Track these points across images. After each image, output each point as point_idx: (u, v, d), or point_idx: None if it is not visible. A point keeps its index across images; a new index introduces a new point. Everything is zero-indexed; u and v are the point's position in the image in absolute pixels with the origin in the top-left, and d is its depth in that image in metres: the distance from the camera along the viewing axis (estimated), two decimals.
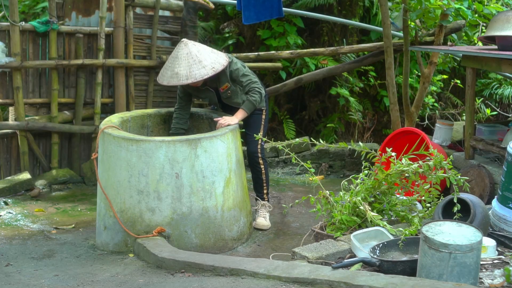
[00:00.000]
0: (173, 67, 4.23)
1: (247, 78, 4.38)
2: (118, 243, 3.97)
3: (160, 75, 4.33)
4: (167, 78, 4.25)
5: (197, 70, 4.18)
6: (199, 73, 4.18)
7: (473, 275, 2.61)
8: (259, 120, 4.50)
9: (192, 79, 4.18)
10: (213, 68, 4.22)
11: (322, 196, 3.81)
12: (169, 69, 4.26)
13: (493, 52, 4.37)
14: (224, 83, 4.37)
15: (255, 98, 4.35)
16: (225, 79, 4.36)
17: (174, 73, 4.21)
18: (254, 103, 4.35)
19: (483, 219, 3.25)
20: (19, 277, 3.49)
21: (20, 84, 5.44)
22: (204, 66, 4.20)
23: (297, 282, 2.83)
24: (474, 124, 5.00)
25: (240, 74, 4.36)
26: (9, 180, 5.42)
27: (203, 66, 4.20)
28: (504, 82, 7.31)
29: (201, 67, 4.19)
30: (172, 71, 4.23)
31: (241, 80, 4.37)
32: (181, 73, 4.19)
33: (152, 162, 3.84)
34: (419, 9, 5.39)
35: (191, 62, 4.20)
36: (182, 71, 4.19)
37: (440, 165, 3.56)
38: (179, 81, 4.19)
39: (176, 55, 4.25)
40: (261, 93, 4.38)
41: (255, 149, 4.44)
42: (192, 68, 4.19)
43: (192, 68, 4.19)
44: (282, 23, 6.66)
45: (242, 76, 4.37)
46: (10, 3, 5.34)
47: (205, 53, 4.28)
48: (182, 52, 4.24)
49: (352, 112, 6.88)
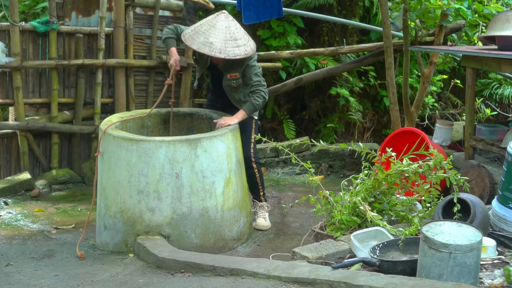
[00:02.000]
0: (208, 35, 4.07)
1: (258, 79, 4.30)
2: (118, 243, 3.98)
3: (189, 37, 4.14)
4: (198, 44, 4.06)
5: (231, 48, 4.07)
6: (233, 51, 4.07)
7: (473, 275, 2.61)
8: (250, 124, 4.47)
9: (225, 55, 4.05)
10: (245, 51, 4.13)
11: (322, 196, 3.81)
12: (202, 35, 4.09)
13: (493, 52, 4.37)
14: (235, 72, 4.28)
15: (258, 102, 4.27)
16: (239, 68, 4.27)
17: (208, 42, 4.05)
18: (256, 107, 4.29)
19: (483, 219, 3.25)
20: (19, 277, 3.49)
21: (20, 84, 5.44)
22: (238, 46, 4.10)
23: (297, 282, 2.83)
24: (474, 124, 5.00)
25: (253, 72, 4.28)
26: (9, 180, 5.42)
27: (237, 45, 4.10)
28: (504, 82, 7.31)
29: (236, 46, 4.09)
30: (206, 38, 4.07)
31: (252, 78, 4.28)
32: (215, 45, 4.04)
33: (152, 162, 3.84)
34: (419, 9, 5.40)
35: (227, 37, 4.08)
36: (217, 44, 4.05)
37: (440, 165, 3.56)
38: (211, 52, 4.05)
39: (214, 24, 4.11)
40: (265, 98, 4.32)
41: (249, 154, 4.44)
42: (227, 44, 4.07)
43: (228, 44, 4.07)
44: (282, 23, 6.66)
45: (255, 75, 4.29)
46: (10, 3, 5.34)
47: (241, 32, 4.18)
48: (221, 24, 4.11)
49: (352, 112, 6.88)
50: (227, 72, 4.31)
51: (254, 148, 4.51)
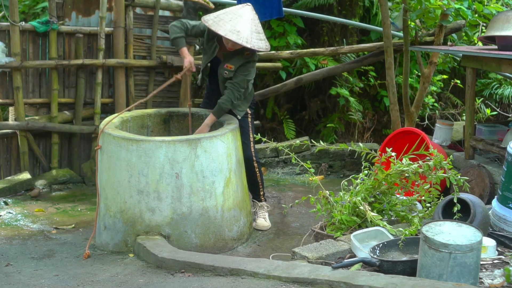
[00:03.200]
0: (236, 23, 4.10)
1: (242, 83, 4.29)
2: (118, 243, 3.98)
3: (215, 24, 4.13)
4: (226, 30, 4.08)
5: (256, 39, 4.14)
6: (257, 43, 4.14)
7: (473, 275, 2.61)
8: (247, 123, 4.49)
9: (250, 45, 4.09)
10: (266, 45, 4.22)
11: (322, 196, 3.81)
12: (229, 23, 4.10)
13: (493, 52, 4.37)
14: (233, 64, 4.29)
15: (225, 105, 4.26)
16: (238, 61, 4.29)
17: (235, 30, 4.08)
18: (224, 110, 4.28)
19: (483, 219, 3.25)
20: (19, 277, 3.49)
21: (20, 84, 5.43)
22: (261, 39, 4.18)
23: (297, 282, 2.83)
24: (474, 124, 5.00)
25: (244, 74, 4.29)
26: (9, 180, 5.42)
27: (260, 39, 4.17)
28: (504, 82, 7.31)
29: (259, 39, 4.17)
30: (233, 26, 4.09)
31: (238, 77, 4.29)
32: (243, 34, 4.08)
33: (152, 162, 3.84)
34: (419, 9, 5.40)
35: (253, 29, 4.14)
36: (245, 33, 4.09)
37: (440, 165, 3.56)
38: (238, 39, 4.06)
39: (241, 14, 4.16)
40: (233, 103, 4.28)
41: (250, 154, 4.45)
42: (253, 35, 4.12)
43: (253, 35, 4.12)
44: (282, 23, 6.66)
45: (243, 79, 4.29)
46: (10, 3, 5.34)
47: (261, 28, 4.27)
48: (248, 15, 4.16)
49: (352, 112, 6.88)
50: (226, 61, 4.33)
51: (254, 148, 4.52)
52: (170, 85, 4.97)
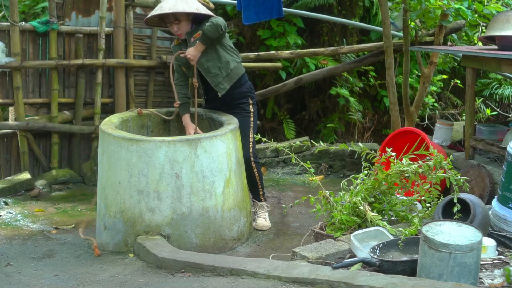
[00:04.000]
0: (161, 4, 4.37)
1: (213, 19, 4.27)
2: (118, 243, 3.98)
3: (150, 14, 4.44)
4: (152, 12, 4.38)
5: (180, 5, 4.27)
6: (182, 6, 4.26)
7: (473, 275, 2.61)
8: (248, 123, 4.48)
9: (174, 10, 4.24)
10: (196, 8, 4.30)
11: (322, 196, 3.81)
12: (157, 7, 4.38)
13: (493, 52, 4.37)
14: (198, 31, 4.34)
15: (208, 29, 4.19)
16: (201, 28, 4.30)
17: (159, 7, 4.34)
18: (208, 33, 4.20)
19: (483, 219, 3.25)
20: (19, 277, 3.49)
21: (20, 84, 5.44)
22: (187, 2, 4.29)
23: (297, 282, 2.83)
24: (474, 124, 5.00)
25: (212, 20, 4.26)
26: (9, 180, 5.42)
27: (186, 2, 4.30)
28: (504, 82, 7.31)
29: (185, 3, 4.29)
30: (159, 6, 4.36)
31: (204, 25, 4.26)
32: (165, 6, 4.29)
33: (152, 162, 3.84)
34: (419, 9, 5.40)
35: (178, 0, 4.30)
36: (167, 5, 4.29)
37: (440, 165, 3.56)
38: (161, 11, 4.26)
39: None
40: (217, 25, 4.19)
41: (248, 154, 4.44)
42: (177, 3, 4.28)
43: (177, 3, 4.28)
44: (282, 23, 6.66)
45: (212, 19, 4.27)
46: (10, 3, 5.34)
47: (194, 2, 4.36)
48: None
49: (352, 112, 6.88)
50: (191, 36, 4.40)
51: (253, 148, 4.52)
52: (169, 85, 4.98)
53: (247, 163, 4.42)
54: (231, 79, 4.42)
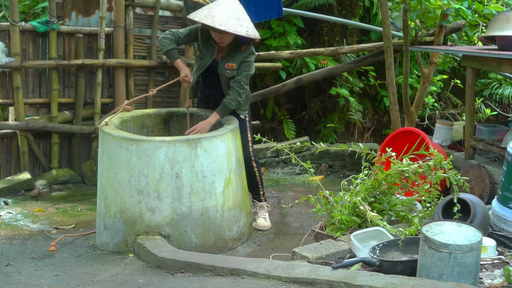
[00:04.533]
0: (212, 10, 4.12)
1: (245, 80, 4.28)
2: (118, 243, 3.98)
3: (194, 13, 4.18)
4: (201, 16, 4.10)
5: (232, 23, 4.06)
6: (234, 27, 4.06)
7: (473, 275, 2.61)
8: (244, 123, 4.48)
9: (225, 28, 4.02)
10: (247, 32, 4.13)
11: (322, 196, 3.81)
12: (206, 10, 4.14)
13: (493, 52, 4.37)
14: (233, 63, 4.27)
15: (231, 105, 4.24)
16: (238, 59, 4.26)
17: (210, 15, 4.08)
18: (229, 109, 4.26)
19: (483, 219, 3.25)
20: (19, 277, 3.49)
21: (20, 84, 5.44)
22: (240, 25, 4.10)
23: (297, 282, 2.83)
24: (474, 124, 5.00)
25: (246, 70, 4.27)
26: (9, 180, 5.42)
27: (240, 25, 4.11)
28: (504, 82, 7.31)
29: (238, 25, 4.10)
30: (209, 12, 4.10)
31: (240, 75, 4.26)
32: (217, 18, 4.05)
33: (152, 162, 3.84)
34: (419, 9, 5.39)
35: (230, 15, 4.09)
36: (219, 17, 4.05)
37: (440, 165, 3.56)
38: (212, 23, 4.03)
39: (219, 3, 4.15)
40: (239, 102, 4.28)
41: (248, 154, 4.45)
42: (229, 19, 4.07)
43: (229, 19, 4.07)
44: (282, 23, 6.66)
45: (245, 76, 4.27)
46: (10, 3, 5.34)
47: (245, 16, 4.20)
48: (226, 2, 4.14)
49: (352, 112, 6.88)
50: (225, 62, 4.29)
51: (253, 148, 4.52)
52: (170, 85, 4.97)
53: (247, 162, 4.42)
54: (248, 100, 4.49)
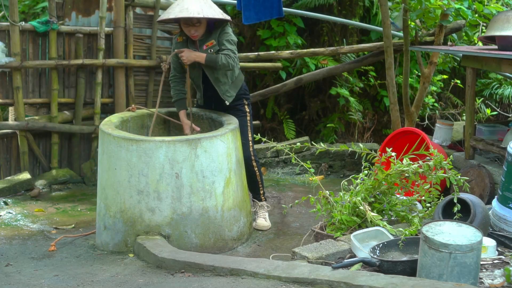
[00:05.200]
0: (183, 4, 4.12)
1: (231, 46, 4.25)
2: (118, 243, 3.97)
3: (165, 13, 4.19)
4: (175, 12, 4.10)
5: (207, 9, 4.11)
6: (210, 12, 4.11)
7: (473, 275, 2.61)
8: (245, 122, 4.48)
9: (203, 15, 4.06)
10: (222, 14, 4.19)
11: (322, 196, 3.81)
12: (177, 7, 4.14)
13: (493, 52, 4.37)
14: (211, 40, 4.26)
15: (221, 60, 4.18)
16: (214, 36, 4.26)
17: (184, 8, 4.09)
18: (217, 61, 4.20)
19: (483, 219, 3.25)
20: (19, 277, 3.49)
21: (20, 84, 5.43)
22: (214, 10, 4.16)
23: (297, 282, 2.83)
24: (474, 124, 5.00)
25: (227, 38, 4.25)
26: (9, 180, 5.42)
27: (213, 10, 4.15)
28: (504, 82, 7.31)
29: (212, 10, 4.15)
30: (181, 7, 4.11)
31: (224, 44, 4.23)
32: (191, 9, 4.08)
33: (152, 162, 3.84)
34: (419, 9, 5.40)
35: (201, 3, 4.13)
36: (193, 7, 4.08)
37: (440, 165, 3.56)
38: (189, 15, 4.06)
39: None
40: (229, 63, 4.21)
41: (249, 153, 4.44)
42: (203, 7, 4.11)
43: (203, 7, 4.11)
44: (282, 23, 6.65)
45: (228, 41, 4.24)
46: (10, 3, 5.34)
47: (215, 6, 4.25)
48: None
49: (352, 112, 6.88)
50: (203, 44, 4.29)
51: (253, 147, 4.52)
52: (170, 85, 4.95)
53: (247, 162, 4.42)
54: (236, 86, 4.45)
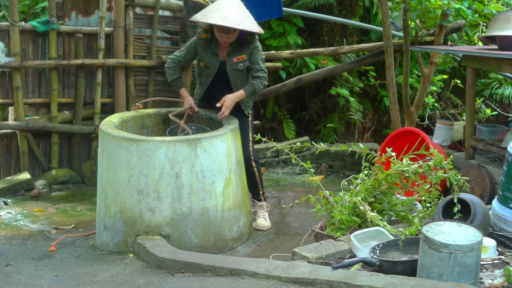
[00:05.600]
0: (222, 10, 4.10)
1: (263, 66, 4.36)
2: (118, 243, 3.97)
3: (203, 16, 4.17)
4: (215, 18, 4.08)
5: (247, 21, 4.14)
6: (249, 25, 4.13)
7: (473, 275, 2.61)
8: (247, 123, 4.49)
9: (242, 27, 4.08)
10: (259, 28, 4.22)
11: (322, 196, 3.81)
12: (216, 12, 4.12)
13: (493, 52, 4.37)
14: (242, 54, 4.30)
15: (259, 88, 4.31)
16: (247, 50, 4.30)
17: (224, 16, 4.07)
18: (257, 91, 4.33)
19: (483, 219, 3.24)
20: (19, 277, 3.49)
21: (20, 84, 5.43)
22: (252, 22, 4.19)
23: (297, 282, 2.83)
24: (474, 124, 5.00)
25: (260, 57, 4.33)
26: (9, 180, 5.42)
27: (252, 22, 4.19)
28: (504, 82, 7.31)
29: (250, 22, 4.17)
30: (221, 13, 4.09)
31: (258, 63, 4.31)
32: (232, 18, 4.07)
33: (152, 162, 3.84)
34: (419, 9, 5.39)
35: (241, 13, 4.15)
36: (234, 17, 4.08)
37: (440, 165, 3.56)
38: (229, 24, 4.05)
39: (225, 4, 4.15)
40: (265, 86, 4.38)
41: (248, 153, 4.45)
42: (243, 18, 4.13)
43: (243, 18, 4.13)
44: (282, 23, 6.65)
45: (261, 60, 4.34)
46: (10, 3, 5.33)
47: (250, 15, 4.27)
48: (233, 2, 4.18)
49: (352, 112, 6.88)
50: (233, 56, 4.30)
51: (253, 147, 4.52)
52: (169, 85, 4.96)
53: (247, 162, 4.42)
54: (252, 97, 4.52)
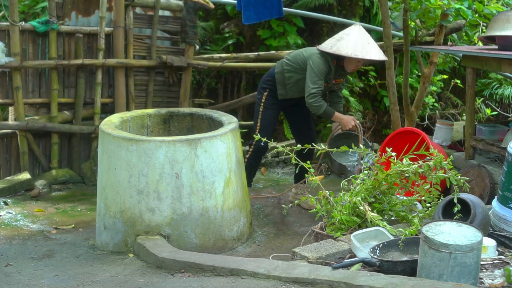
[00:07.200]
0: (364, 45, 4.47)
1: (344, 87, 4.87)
2: (118, 243, 3.97)
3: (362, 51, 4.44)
4: (376, 53, 4.50)
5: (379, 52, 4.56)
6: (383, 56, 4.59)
7: (473, 275, 2.61)
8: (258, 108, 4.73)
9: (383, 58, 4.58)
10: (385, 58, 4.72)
11: (322, 196, 3.81)
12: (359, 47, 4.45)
13: (493, 52, 4.37)
14: (341, 78, 4.71)
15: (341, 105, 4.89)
16: (344, 75, 4.73)
17: (378, 51, 4.54)
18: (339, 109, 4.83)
19: (483, 219, 3.24)
20: (19, 277, 3.49)
21: (20, 84, 5.43)
22: (380, 52, 4.57)
23: (297, 282, 2.83)
24: (474, 124, 4.99)
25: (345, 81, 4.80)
26: (9, 180, 5.42)
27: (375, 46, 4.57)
28: (505, 82, 7.31)
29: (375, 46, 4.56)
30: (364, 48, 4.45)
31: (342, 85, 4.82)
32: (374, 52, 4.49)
33: (152, 162, 3.84)
34: (419, 9, 5.39)
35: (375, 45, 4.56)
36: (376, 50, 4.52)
37: (440, 165, 3.56)
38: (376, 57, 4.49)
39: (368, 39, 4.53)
40: None
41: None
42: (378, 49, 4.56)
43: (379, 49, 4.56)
44: (282, 23, 6.65)
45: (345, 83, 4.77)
46: (10, 3, 5.34)
47: None
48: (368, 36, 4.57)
49: (352, 112, 6.87)
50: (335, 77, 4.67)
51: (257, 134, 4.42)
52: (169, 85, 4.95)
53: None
54: None
